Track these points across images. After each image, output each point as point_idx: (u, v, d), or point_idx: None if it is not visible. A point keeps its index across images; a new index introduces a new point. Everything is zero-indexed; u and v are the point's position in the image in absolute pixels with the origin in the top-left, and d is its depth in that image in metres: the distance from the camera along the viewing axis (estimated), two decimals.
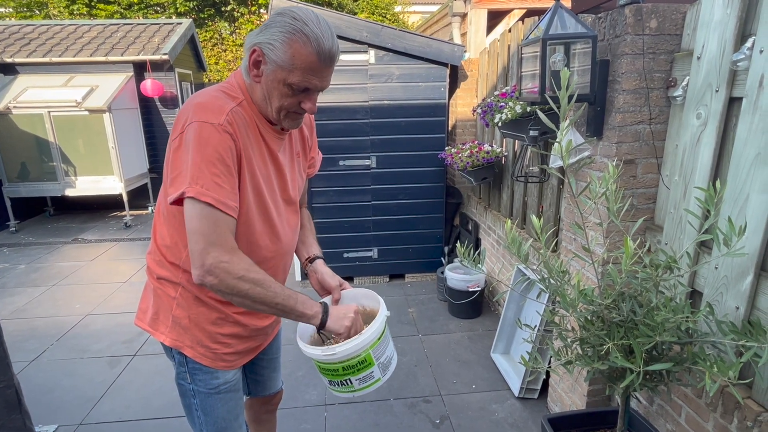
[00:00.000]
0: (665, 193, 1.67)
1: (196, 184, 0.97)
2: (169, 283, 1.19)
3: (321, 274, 1.33)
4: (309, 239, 1.42)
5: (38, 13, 9.79)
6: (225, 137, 0.99)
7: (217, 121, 0.99)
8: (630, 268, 1.21)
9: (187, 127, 0.99)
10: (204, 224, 0.99)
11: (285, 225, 1.24)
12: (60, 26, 6.82)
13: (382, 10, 11.05)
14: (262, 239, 1.16)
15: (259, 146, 1.11)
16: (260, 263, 1.15)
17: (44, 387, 2.61)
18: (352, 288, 1.35)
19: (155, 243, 1.21)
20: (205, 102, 1.02)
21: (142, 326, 1.27)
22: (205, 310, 1.18)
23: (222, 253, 0.99)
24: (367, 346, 1.12)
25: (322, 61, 1.00)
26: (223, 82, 1.12)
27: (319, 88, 1.05)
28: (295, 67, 0.99)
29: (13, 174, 5.59)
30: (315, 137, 1.40)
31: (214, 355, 1.22)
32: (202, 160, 0.97)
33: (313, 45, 0.98)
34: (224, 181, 1.00)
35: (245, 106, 1.08)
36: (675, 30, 1.59)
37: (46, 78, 5.85)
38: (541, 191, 2.62)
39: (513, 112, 2.28)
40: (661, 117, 1.66)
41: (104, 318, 3.44)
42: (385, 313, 1.19)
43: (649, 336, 1.16)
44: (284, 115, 1.08)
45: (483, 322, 3.26)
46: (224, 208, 1.00)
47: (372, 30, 3.41)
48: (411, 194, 3.80)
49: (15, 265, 4.57)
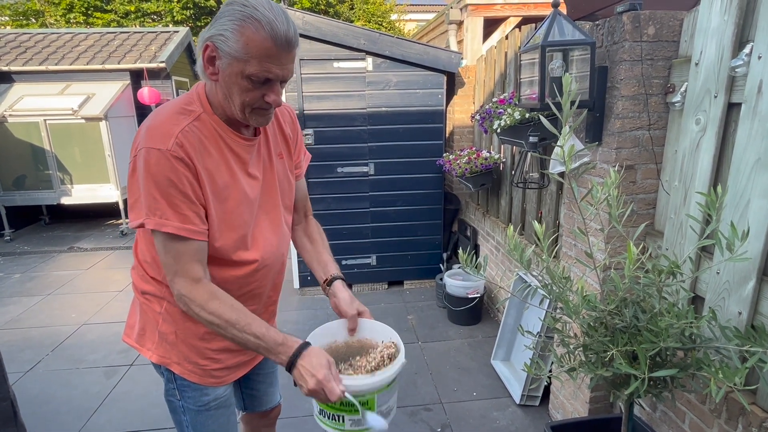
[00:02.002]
0: (665, 199, 1.67)
1: (154, 215, 0.95)
2: (153, 298, 1.16)
3: (338, 299, 1.22)
4: (324, 256, 1.32)
5: (35, 22, 9.79)
6: (174, 163, 0.94)
7: (164, 146, 0.94)
8: (633, 274, 1.21)
9: (138, 152, 0.96)
10: (167, 256, 0.99)
11: (269, 235, 1.17)
12: (56, 34, 6.82)
13: (379, 18, 11.14)
14: (241, 255, 1.11)
15: (224, 159, 1.04)
16: (244, 279, 1.13)
17: (40, 398, 2.57)
18: (372, 319, 1.23)
19: (137, 258, 1.18)
20: (155, 125, 0.98)
21: (129, 342, 1.23)
22: (191, 325, 1.14)
23: (184, 284, 0.99)
24: (375, 389, 1.03)
25: (279, 45, 0.92)
26: (183, 95, 1.06)
27: (280, 77, 0.96)
28: (250, 56, 0.91)
29: (8, 182, 5.56)
30: (301, 138, 1.31)
31: (203, 371, 1.18)
32: (155, 188, 0.94)
33: (267, 30, 0.90)
34: (184, 206, 0.97)
35: (204, 118, 1.02)
36: (673, 37, 1.60)
37: (43, 86, 5.84)
38: (540, 197, 2.62)
39: (512, 119, 2.29)
40: (660, 123, 1.66)
41: (100, 327, 3.40)
42: (402, 361, 1.08)
43: (653, 342, 1.16)
44: (249, 111, 1.00)
45: (483, 328, 3.25)
46: (188, 234, 0.97)
47: (370, 38, 3.42)
48: (409, 201, 3.80)
49: (9, 275, 4.53)
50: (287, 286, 3.92)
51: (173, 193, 0.95)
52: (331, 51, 3.44)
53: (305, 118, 3.52)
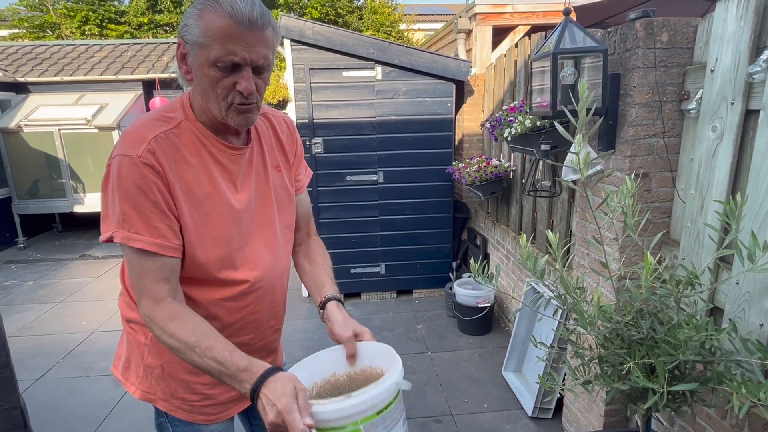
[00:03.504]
0: (681, 207, 1.64)
1: (122, 228, 0.89)
2: (138, 327, 1.08)
3: (332, 323, 1.04)
4: (321, 277, 1.17)
5: (51, 34, 10.00)
6: (144, 170, 0.88)
7: (135, 153, 0.89)
8: (649, 284, 1.18)
9: (112, 160, 0.92)
10: (133, 273, 0.93)
11: (262, 254, 1.06)
12: (71, 46, 6.96)
13: (387, 28, 11.21)
14: (228, 274, 1.01)
15: (205, 168, 0.97)
16: (234, 303, 1.04)
17: (50, 406, 2.58)
18: (372, 341, 1.02)
19: (123, 283, 1.11)
20: (130, 131, 0.93)
21: (115, 374, 1.14)
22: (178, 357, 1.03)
23: (147, 304, 0.92)
24: (355, 415, 0.79)
25: (239, 24, 0.85)
26: (168, 102, 1.02)
27: (248, 61, 0.88)
28: (211, 39, 0.85)
29: (23, 191, 5.64)
30: (300, 149, 1.22)
31: (191, 407, 1.09)
32: (126, 199, 0.89)
33: (225, 8, 0.85)
34: (156, 218, 0.90)
35: (184, 126, 0.96)
36: (687, 43, 1.58)
37: (58, 96, 5.94)
38: (551, 205, 2.59)
39: (522, 127, 2.28)
40: (675, 130, 1.64)
41: (110, 335, 3.41)
42: (394, 380, 0.83)
43: (672, 355, 1.12)
44: (226, 108, 0.92)
45: (493, 338, 3.20)
46: (157, 249, 0.90)
47: (379, 47, 3.44)
48: (418, 209, 3.78)
49: (22, 282, 4.58)
50: (295, 294, 3.91)
51: (144, 203, 0.89)
52: (340, 60, 3.46)
53: (315, 126, 3.53)
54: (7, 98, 5.94)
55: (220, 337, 0.90)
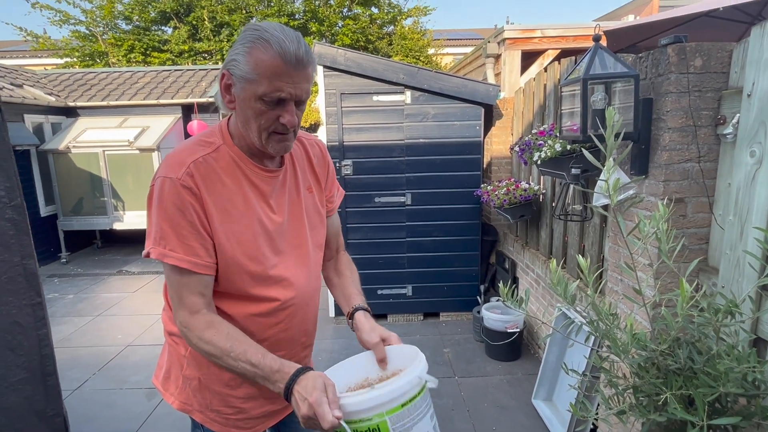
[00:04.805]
0: (719, 234, 1.60)
1: (159, 245, 0.96)
2: (179, 339, 1.13)
3: (360, 331, 1.11)
4: (348, 289, 1.24)
5: (99, 62, 10.64)
6: (183, 192, 0.95)
7: (175, 175, 0.95)
8: (686, 312, 1.15)
9: (155, 181, 0.98)
10: (170, 287, 1.00)
11: (295, 272, 1.11)
12: (118, 73, 7.39)
13: (416, 53, 11.41)
14: (261, 291, 1.05)
15: (240, 190, 1.02)
16: (266, 319, 1.08)
17: (85, 416, 2.66)
18: (400, 344, 1.07)
19: (165, 298, 1.17)
20: (173, 155, 0.99)
21: (156, 384, 1.20)
22: (216, 370, 1.08)
23: (184, 315, 0.98)
24: (380, 406, 0.83)
25: (287, 62, 0.90)
26: (208, 128, 1.09)
27: (294, 96, 0.94)
28: (260, 76, 0.91)
29: (68, 208, 5.95)
30: (332, 172, 1.27)
31: (225, 420, 1.13)
32: (165, 218, 0.95)
33: (275, 47, 0.89)
34: (192, 237, 0.96)
35: (223, 150, 1.02)
36: (721, 68, 1.56)
37: (103, 120, 6.30)
38: (582, 230, 2.55)
39: (552, 150, 2.27)
40: (711, 155, 1.61)
41: (144, 349, 3.51)
42: (416, 373, 0.87)
43: (712, 386, 1.08)
44: (266, 137, 0.98)
45: (522, 365, 3.13)
46: (191, 266, 0.96)
47: (409, 72, 3.52)
48: (446, 231, 3.78)
49: (64, 295, 4.78)
50: (321, 315, 3.93)
51: (181, 223, 0.95)
52: (371, 85, 3.56)
53: (345, 149, 3.62)
54: (58, 121, 6.34)
55: (252, 343, 0.96)
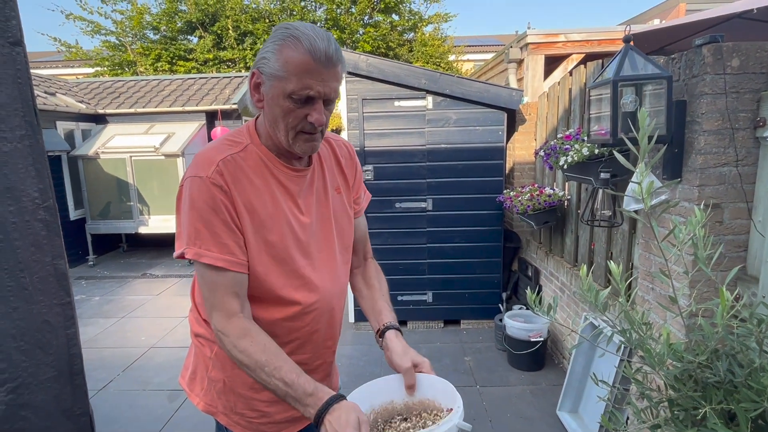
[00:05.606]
0: (759, 241, 1.52)
1: (194, 245, 0.94)
2: (205, 342, 1.12)
3: (391, 352, 1.06)
4: (378, 304, 1.20)
5: (128, 71, 10.97)
6: (213, 190, 0.94)
7: (205, 174, 0.94)
8: (726, 322, 1.09)
9: (184, 181, 0.97)
10: (205, 288, 0.97)
11: (322, 274, 1.09)
12: (145, 81, 7.59)
13: (437, 59, 11.40)
14: (288, 293, 1.03)
15: (268, 189, 1.01)
16: (292, 323, 1.06)
17: (109, 417, 2.70)
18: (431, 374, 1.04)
19: (193, 300, 1.16)
20: (202, 154, 0.99)
21: (182, 385, 1.20)
22: (240, 373, 1.05)
23: (220, 319, 0.96)
24: None
25: (317, 60, 0.89)
26: (236, 128, 1.08)
27: (322, 94, 0.93)
28: (289, 73, 0.90)
29: (96, 212, 6.12)
30: (360, 173, 1.25)
31: (248, 423, 1.11)
32: (198, 217, 0.94)
33: (305, 45, 0.89)
34: (225, 234, 0.95)
35: (251, 149, 1.01)
36: (760, 69, 1.50)
37: (131, 126, 6.47)
38: (610, 236, 2.48)
39: (579, 155, 2.22)
40: (750, 159, 1.54)
41: (166, 351, 3.56)
42: (455, 422, 0.85)
43: (755, 401, 1.02)
44: (293, 136, 0.97)
45: (546, 375, 3.05)
46: (226, 264, 0.95)
47: (431, 77, 3.50)
48: (467, 237, 3.74)
49: (90, 297, 4.90)
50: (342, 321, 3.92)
51: (214, 221, 0.94)
52: (392, 90, 3.56)
53: (366, 154, 3.62)
54: (88, 128, 6.54)
55: (288, 359, 0.94)
